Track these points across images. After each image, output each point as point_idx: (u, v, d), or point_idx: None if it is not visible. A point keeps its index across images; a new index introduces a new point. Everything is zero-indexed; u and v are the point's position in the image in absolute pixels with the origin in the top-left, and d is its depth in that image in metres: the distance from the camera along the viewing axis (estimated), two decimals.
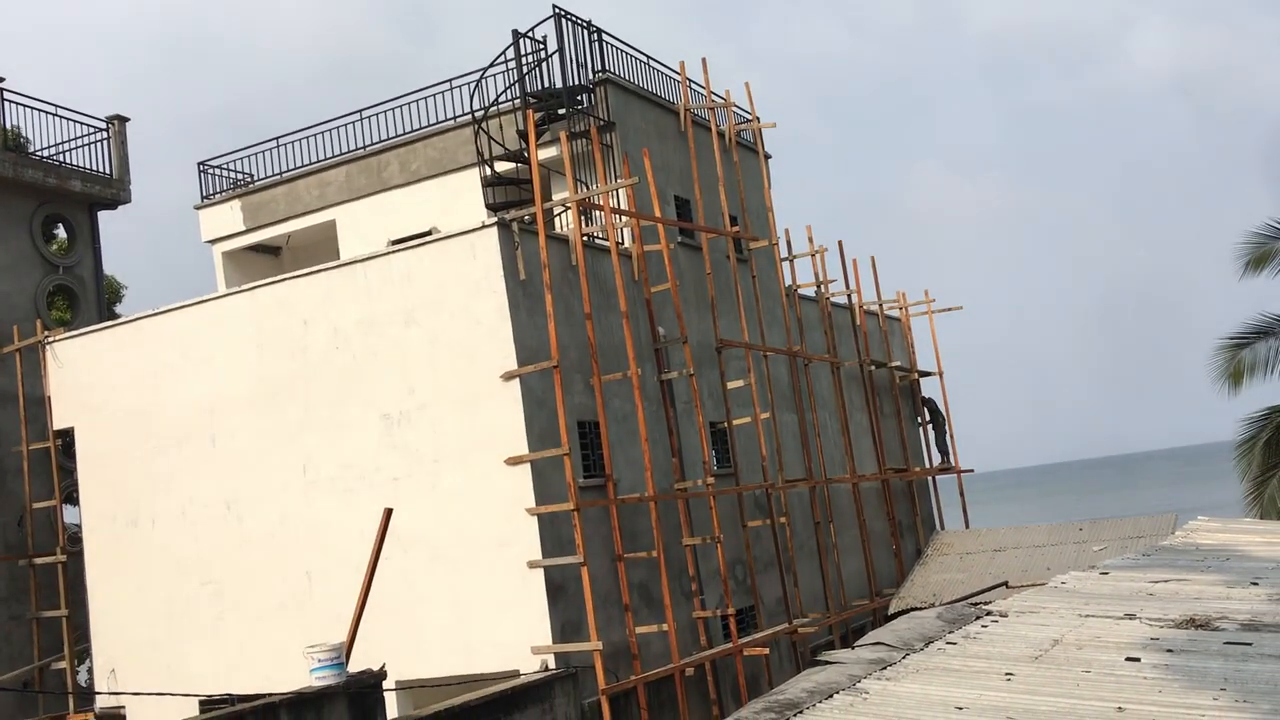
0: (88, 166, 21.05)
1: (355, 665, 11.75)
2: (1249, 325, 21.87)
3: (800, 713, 6.20)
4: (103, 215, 21.55)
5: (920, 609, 14.59)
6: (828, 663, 7.46)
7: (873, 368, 24.42)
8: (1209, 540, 13.56)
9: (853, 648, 7.87)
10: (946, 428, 26.53)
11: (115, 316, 21.42)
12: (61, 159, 20.74)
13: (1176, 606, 8.92)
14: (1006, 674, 6.86)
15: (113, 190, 21.35)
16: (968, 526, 26.02)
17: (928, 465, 26.57)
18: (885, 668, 7.18)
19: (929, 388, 27.34)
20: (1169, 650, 7.28)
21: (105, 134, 21.47)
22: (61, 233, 21.72)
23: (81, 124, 21.12)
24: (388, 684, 11.94)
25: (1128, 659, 7.08)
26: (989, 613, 9.02)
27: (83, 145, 21.13)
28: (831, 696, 6.50)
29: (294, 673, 12.29)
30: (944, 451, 26.48)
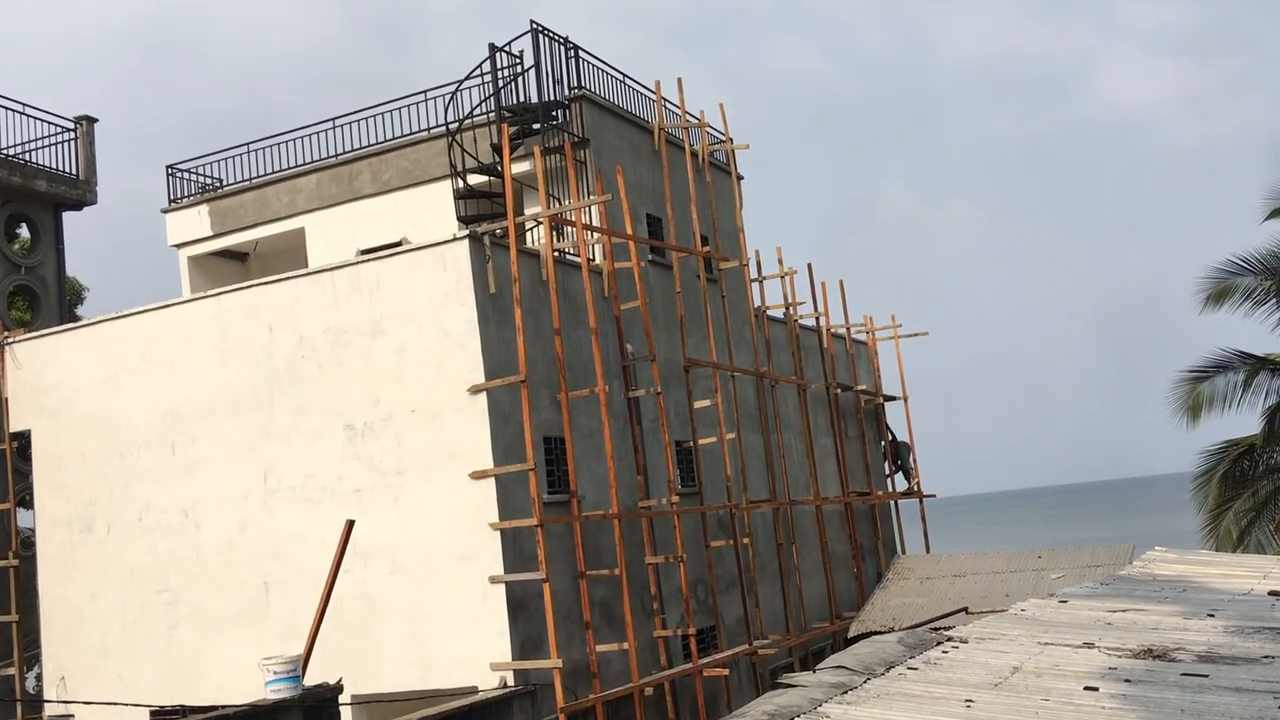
0: (54, 167, 20.81)
1: (312, 678, 11.61)
2: (1208, 359, 22.19)
3: None
4: (67, 216, 21.31)
5: (880, 633, 14.64)
6: (789, 685, 7.44)
7: (838, 391, 24.54)
8: (1166, 571, 13.70)
9: (814, 671, 7.86)
10: (910, 454, 26.70)
11: (76, 318, 21.16)
12: (27, 158, 20.49)
13: (1134, 636, 8.99)
14: (966, 700, 6.88)
15: (78, 191, 21.12)
16: (929, 551, 26.15)
17: (890, 489, 26.71)
18: (846, 692, 7.18)
19: (893, 412, 27.51)
20: (1127, 680, 7.32)
21: (73, 135, 21.25)
22: (25, 232, 21.45)
23: (49, 124, 20.89)
24: (344, 698, 11.81)
25: (1086, 688, 7.11)
26: (950, 639, 9.05)
27: (49, 145, 20.91)
28: None
29: (249, 685, 12.13)
30: (907, 475, 26.66)
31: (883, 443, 26.94)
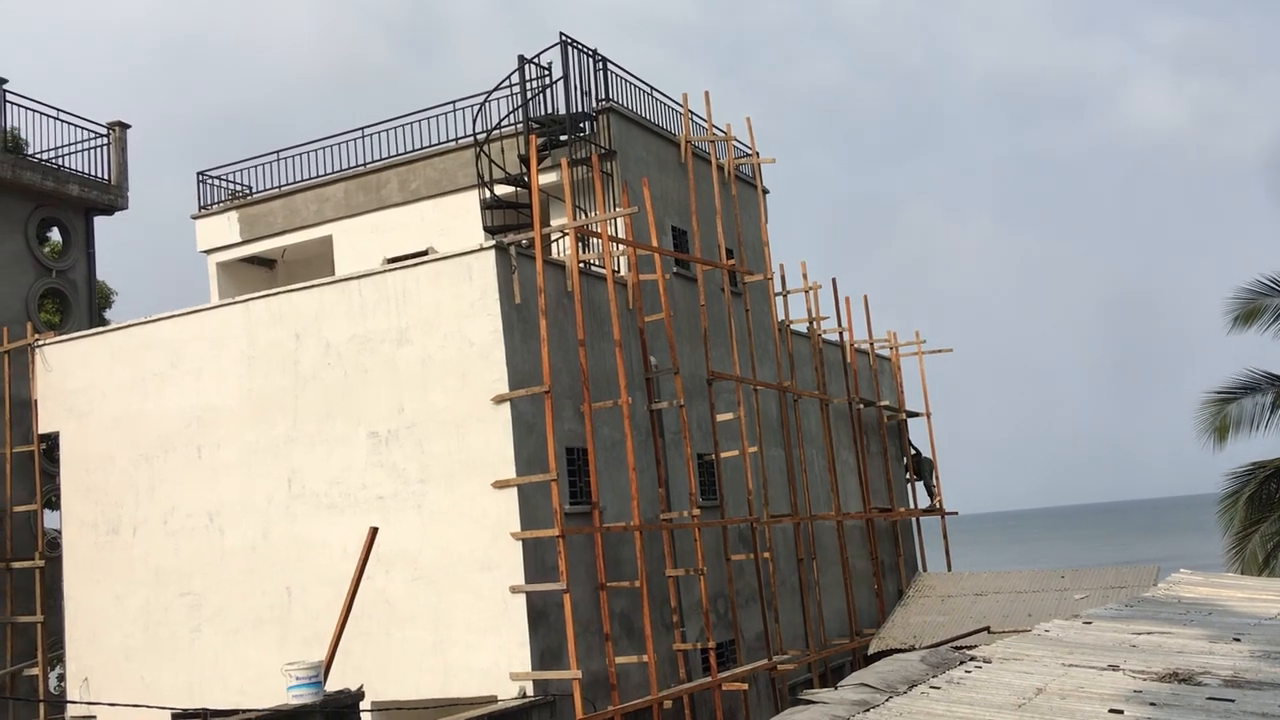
0: (86, 171, 21.04)
1: (333, 684, 11.66)
2: (1236, 380, 22.03)
3: None
4: (97, 220, 21.51)
5: (900, 650, 14.58)
6: (810, 701, 7.42)
7: (861, 406, 24.48)
8: (1191, 594, 13.59)
9: (835, 687, 7.83)
10: (933, 471, 26.59)
11: (105, 322, 21.36)
12: (60, 163, 20.72)
13: (1159, 659, 8.92)
14: None
15: (110, 196, 21.33)
16: (950, 569, 26.01)
17: (912, 506, 26.59)
18: (868, 709, 7.15)
19: (916, 428, 27.43)
20: (1152, 704, 7.27)
21: (106, 140, 21.47)
22: (56, 236, 21.67)
23: (82, 129, 21.13)
24: (364, 704, 11.85)
25: (1111, 710, 7.06)
26: (973, 658, 9.00)
27: (82, 150, 21.13)
28: None
29: (270, 689, 12.21)
30: (930, 492, 26.55)
31: (905, 459, 26.85)
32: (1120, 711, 7.04)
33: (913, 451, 26.88)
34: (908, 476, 26.79)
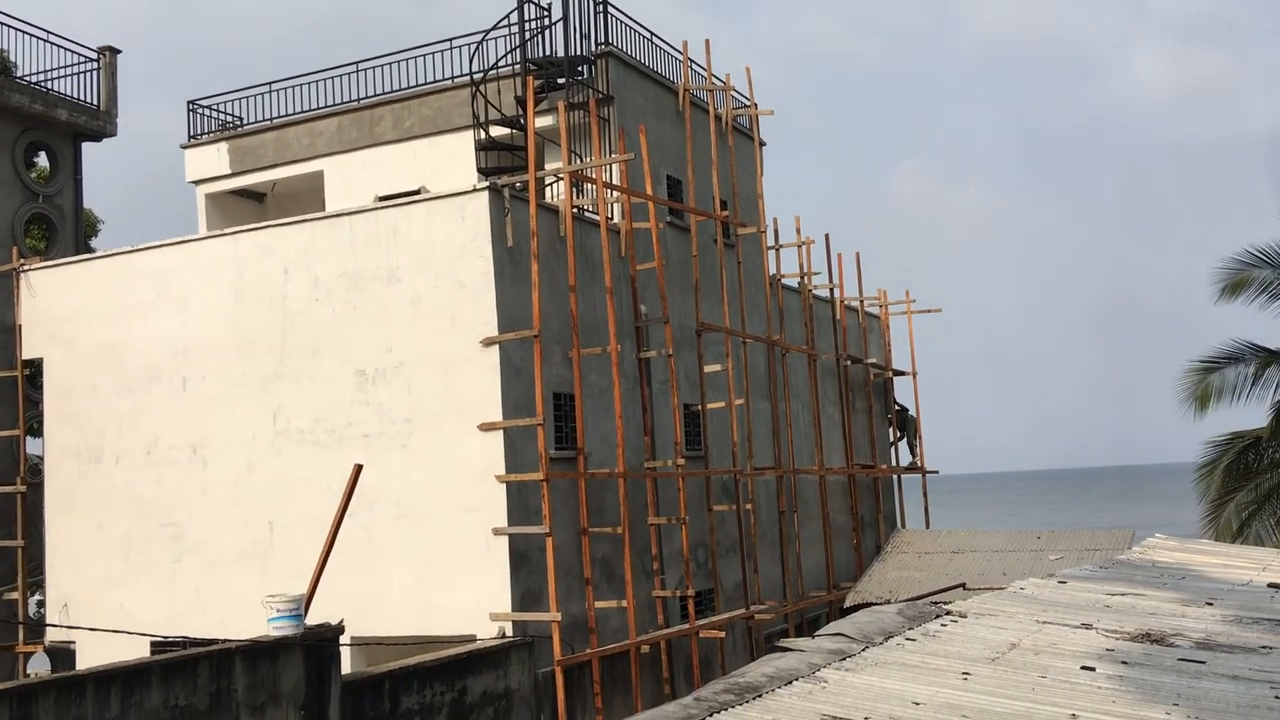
0: (75, 96, 20.74)
1: (313, 619, 11.72)
2: (1220, 350, 22.17)
3: (759, 696, 6.23)
4: (85, 147, 21.25)
5: (877, 604, 14.73)
6: (788, 650, 7.51)
7: (848, 363, 24.54)
8: (1166, 558, 13.76)
9: (813, 637, 7.92)
10: (916, 430, 26.74)
11: (90, 250, 21.18)
12: (49, 87, 20.41)
13: (1133, 620, 9.04)
14: (963, 673, 6.94)
15: (99, 122, 21.05)
16: (928, 527, 26.26)
17: (894, 463, 26.77)
18: (844, 659, 7.24)
19: (902, 387, 27.54)
20: (1124, 662, 7.38)
21: (95, 65, 21.15)
22: (43, 161, 21.41)
23: (72, 53, 20.80)
24: (344, 639, 11.93)
25: (1083, 668, 7.17)
26: (948, 612, 9.11)
27: (71, 75, 20.81)
28: (791, 683, 6.54)
29: (249, 621, 12.24)
30: (911, 449, 26.75)
31: (889, 416, 26.99)
32: (1092, 669, 7.15)
33: (897, 408, 27.02)
34: (891, 435, 26.95)
